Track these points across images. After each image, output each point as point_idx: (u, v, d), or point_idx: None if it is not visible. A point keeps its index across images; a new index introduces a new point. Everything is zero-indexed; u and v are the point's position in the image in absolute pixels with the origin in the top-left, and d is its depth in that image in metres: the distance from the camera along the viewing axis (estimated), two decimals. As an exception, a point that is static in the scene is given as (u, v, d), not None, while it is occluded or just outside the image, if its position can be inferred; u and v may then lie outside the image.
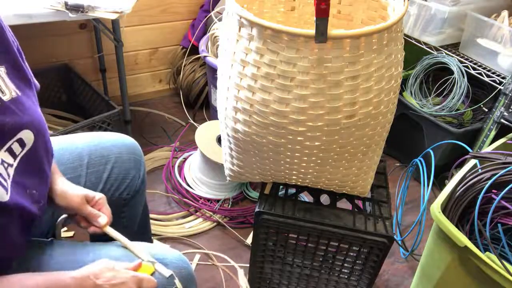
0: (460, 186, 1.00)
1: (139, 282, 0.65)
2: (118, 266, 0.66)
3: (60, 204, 0.73)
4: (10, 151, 0.59)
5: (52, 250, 0.72)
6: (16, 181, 0.60)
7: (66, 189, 0.74)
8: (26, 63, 0.70)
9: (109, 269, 0.64)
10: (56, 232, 0.81)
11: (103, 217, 0.75)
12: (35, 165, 0.65)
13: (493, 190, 0.96)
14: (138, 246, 0.74)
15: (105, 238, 0.76)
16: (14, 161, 0.60)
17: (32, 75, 0.72)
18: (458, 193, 0.99)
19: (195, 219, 1.46)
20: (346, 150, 0.82)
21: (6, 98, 0.60)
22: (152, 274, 0.70)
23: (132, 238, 0.76)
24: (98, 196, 0.76)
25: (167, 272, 0.70)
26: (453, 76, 1.55)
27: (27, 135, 0.62)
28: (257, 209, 0.95)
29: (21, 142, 0.61)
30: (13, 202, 0.58)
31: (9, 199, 0.57)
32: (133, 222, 1.01)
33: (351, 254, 0.99)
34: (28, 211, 0.62)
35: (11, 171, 0.59)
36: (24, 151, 0.62)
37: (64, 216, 0.79)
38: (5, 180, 0.58)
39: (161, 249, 0.76)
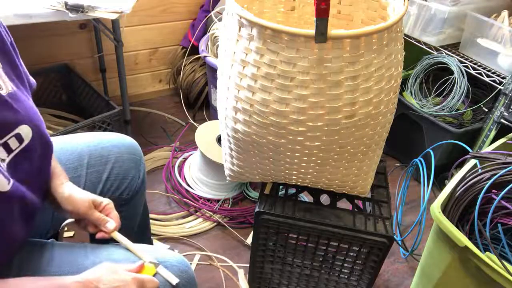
0: (460, 186, 1.00)
1: (141, 284, 0.65)
2: (120, 269, 0.66)
3: (67, 209, 0.73)
4: (5, 146, 0.59)
5: (52, 251, 0.72)
6: (9, 174, 0.60)
7: (74, 194, 0.73)
8: (21, 61, 0.70)
9: (111, 272, 0.64)
10: (59, 235, 0.81)
11: (111, 223, 0.74)
12: (32, 160, 0.65)
13: (493, 190, 0.96)
14: (142, 249, 0.74)
15: (105, 240, 0.76)
16: (8, 156, 0.60)
17: (27, 73, 0.72)
18: (458, 193, 0.99)
19: (195, 219, 1.46)
20: (346, 150, 0.82)
21: (3, 92, 0.59)
22: (154, 275, 0.69)
23: (132, 238, 0.76)
24: (106, 201, 0.76)
25: (174, 280, 0.70)
26: (453, 76, 1.55)
27: (25, 130, 0.62)
28: (257, 209, 0.95)
29: (19, 137, 0.61)
30: (14, 192, 0.58)
31: (10, 189, 0.57)
32: (133, 222, 1.01)
33: (351, 254, 0.99)
34: (29, 202, 0.62)
35: (3, 165, 0.59)
36: (21, 147, 0.62)
37: (70, 220, 0.79)
38: (2, 171, 0.58)
39: (163, 251, 0.76)
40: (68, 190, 0.73)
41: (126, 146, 0.92)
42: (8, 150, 0.60)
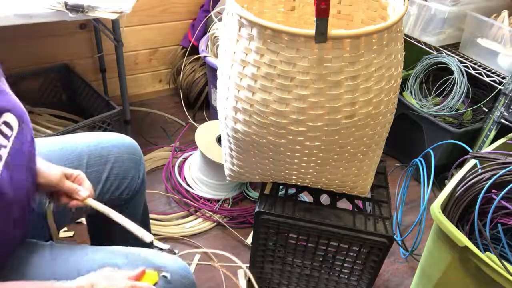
0: (460, 186, 1.00)
1: None
2: (118, 276, 0.65)
3: (39, 182, 0.72)
4: (2, 132, 0.59)
5: (50, 254, 0.71)
6: (8, 163, 0.59)
7: (44, 166, 0.73)
8: None
9: (107, 279, 0.63)
10: (48, 221, 0.79)
11: (84, 191, 0.74)
12: (23, 148, 0.64)
13: (493, 190, 0.96)
14: (131, 223, 0.73)
15: (106, 241, 0.76)
16: (8, 142, 0.59)
17: None
18: (458, 193, 0.99)
19: (195, 219, 1.46)
20: (346, 150, 0.82)
21: None
22: (155, 284, 0.68)
23: (132, 238, 0.76)
24: (77, 172, 0.76)
25: (149, 238, 0.70)
26: (453, 76, 1.55)
27: (12, 119, 0.61)
28: (257, 209, 0.95)
29: (9, 126, 0.61)
30: (5, 183, 0.57)
31: (1, 178, 0.57)
32: (133, 222, 1.01)
33: (351, 254, 0.99)
34: (20, 195, 0.62)
35: (5, 152, 0.59)
36: (14, 134, 0.61)
37: (47, 199, 0.78)
38: None
39: (163, 257, 0.76)
40: (39, 164, 0.73)
41: (126, 146, 0.92)
42: (5, 136, 0.59)
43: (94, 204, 0.74)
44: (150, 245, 0.73)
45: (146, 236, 0.70)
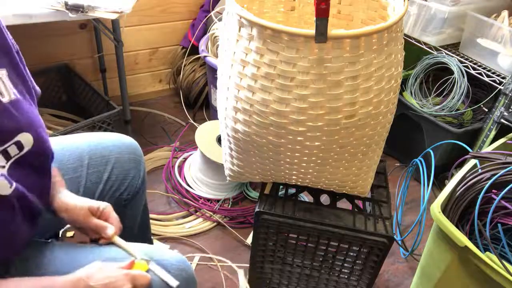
0: (460, 186, 1.00)
1: (133, 279, 0.65)
2: (111, 266, 0.66)
3: (65, 219, 0.73)
4: (4, 153, 0.59)
5: (51, 252, 0.72)
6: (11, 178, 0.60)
7: (69, 203, 0.74)
8: (27, 68, 0.70)
9: (101, 269, 0.64)
10: (62, 239, 0.81)
11: (111, 228, 0.74)
12: (33, 165, 0.65)
13: (493, 190, 0.96)
14: (140, 250, 0.74)
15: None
16: (6, 163, 0.60)
17: (33, 80, 0.72)
18: (458, 193, 0.99)
19: (195, 219, 1.46)
20: (346, 150, 0.82)
21: (5, 100, 0.60)
22: (146, 271, 0.69)
23: (132, 238, 0.76)
24: (103, 206, 0.75)
25: (174, 283, 0.70)
26: (453, 76, 1.55)
27: (26, 138, 0.62)
28: (257, 209, 0.95)
29: (19, 145, 0.61)
30: (16, 195, 0.58)
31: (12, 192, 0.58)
32: (133, 222, 1.01)
33: (351, 254, 0.99)
34: (32, 204, 0.62)
35: (4, 171, 0.60)
36: (21, 153, 0.62)
37: (69, 226, 0.79)
38: (5, 175, 0.58)
39: (162, 250, 0.76)
40: (64, 200, 0.73)
41: (127, 146, 0.92)
42: (7, 157, 0.60)
43: (121, 244, 0.74)
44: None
45: (165, 276, 0.70)
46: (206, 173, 1.52)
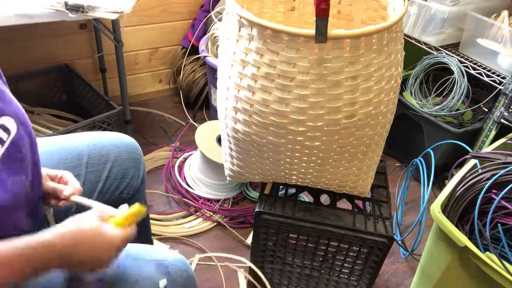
0: (460, 186, 1.00)
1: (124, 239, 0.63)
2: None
3: None
4: None
5: None
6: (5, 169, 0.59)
7: None
8: None
9: (75, 218, 0.62)
10: (50, 223, 0.79)
11: (67, 189, 0.72)
12: (22, 152, 0.64)
13: (493, 190, 0.96)
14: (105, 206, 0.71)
15: None
16: (1, 147, 0.58)
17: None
18: (458, 193, 0.99)
19: (195, 219, 1.46)
20: (346, 150, 0.82)
21: None
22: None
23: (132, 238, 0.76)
24: (61, 173, 0.74)
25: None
26: (453, 76, 1.55)
27: (9, 122, 0.60)
28: (257, 209, 0.95)
29: (5, 128, 0.60)
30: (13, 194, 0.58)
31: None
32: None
33: (351, 254, 0.99)
34: (29, 197, 0.62)
35: None
36: (11, 138, 0.60)
37: (44, 207, 0.77)
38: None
39: (162, 251, 0.76)
40: None
41: (126, 145, 0.92)
42: (0, 141, 0.59)
43: (79, 200, 0.72)
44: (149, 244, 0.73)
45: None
46: (206, 173, 1.52)
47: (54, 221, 0.79)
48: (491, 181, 0.93)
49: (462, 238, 0.90)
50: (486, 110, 1.58)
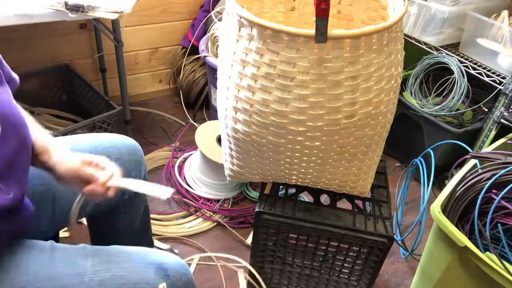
0: (460, 186, 1.00)
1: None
2: None
3: (61, 172, 0.71)
4: None
5: (52, 253, 0.71)
6: None
7: (64, 154, 0.73)
8: (1, 58, 0.69)
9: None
10: (70, 220, 0.79)
11: (103, 174, 0.72)
12: (2, 154, 0.62)
13: (493, 190, 0.96)
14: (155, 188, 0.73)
15: (106, 241, 0.75)
16: None
17: (10, 70, 0.71)
18: (458, 193, 0.99)
19: (195, 219, 1.46)
20: (346, 150, 0.82)
21: None
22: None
23: (133, 238, 0.76)
24: (98, 159, 0.74)
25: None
26: (453, 76, 1.55)
27: None
28: (257, 209, 0.95)
29: None
30: None
31: None
32: (134, 222, 1.01)
33: (351, 254, 0.99)
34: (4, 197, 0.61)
35: None
36: None
37: (78, 197, 0.76)
38: None
39: (161, 254, 0.76)
40: (60, 153, 0.73)
41: (127, 147, 0.92)
42: None
43: (125, 184, 0.72)
44: (150, 245, 0.73)
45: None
46: (206, 173, 1.52)
47: (78, 214, 0.78)
48: (491, 181, 0.93)
49: (462, 238, 0.90)
50: (486, 110, 1.58)
